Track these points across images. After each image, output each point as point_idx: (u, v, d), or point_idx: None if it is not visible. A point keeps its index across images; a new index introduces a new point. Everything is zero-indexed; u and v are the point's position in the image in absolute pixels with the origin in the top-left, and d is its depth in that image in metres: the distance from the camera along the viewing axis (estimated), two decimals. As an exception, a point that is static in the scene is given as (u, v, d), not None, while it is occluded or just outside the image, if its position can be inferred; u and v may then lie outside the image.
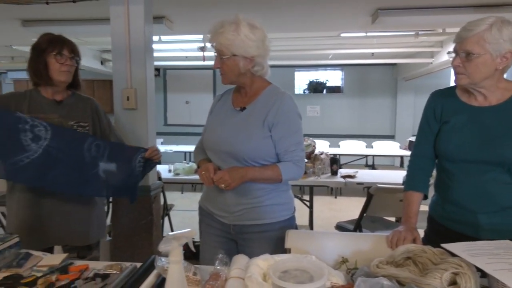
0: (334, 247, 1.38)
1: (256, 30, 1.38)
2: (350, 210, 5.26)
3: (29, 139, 1.50)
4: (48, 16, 3.53)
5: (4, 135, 1.49)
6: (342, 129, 8.09)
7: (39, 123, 1.53)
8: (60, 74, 1.63)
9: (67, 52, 1.64)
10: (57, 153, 1.57)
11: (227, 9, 3.29)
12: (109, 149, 1.72)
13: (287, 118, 1.43)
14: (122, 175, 1.75)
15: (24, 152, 1.50)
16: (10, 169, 1.51)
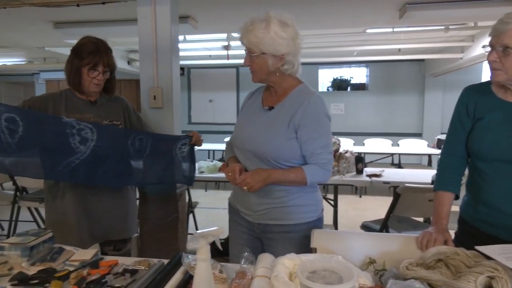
0: (361, 247, 1.35)
1: (287, 28, 1.35)
2: (375, 209, 5.16)
3: (78, 142, 1.58)
4: (78, 18, 3.64)
5: (56, 141, 1.57)
6: (367, 127, 7.93)
7: (84, 126, 1.60)
8: (90, 86, 1.68)
9: (101, 67, 1.67)
10: (104, 151, 1.65)
11: (251, 8, 3.29)
12: (151, 141, 1.80)
13: (314, 119, 1.40)
14: (164, 165, 1.86)
15: (74, 154, 1.59)
16: (63, 171, 1.59)
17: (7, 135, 1.47)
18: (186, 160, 1.94)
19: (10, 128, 1.46)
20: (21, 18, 3.64)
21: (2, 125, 1.45)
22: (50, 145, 1.57)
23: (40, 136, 1.55)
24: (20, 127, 1.49)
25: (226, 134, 7.69)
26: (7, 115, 1.46)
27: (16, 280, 1.14)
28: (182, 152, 1.90)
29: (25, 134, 1.50)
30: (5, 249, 1.29)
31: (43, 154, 1.56)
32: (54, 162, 1.58)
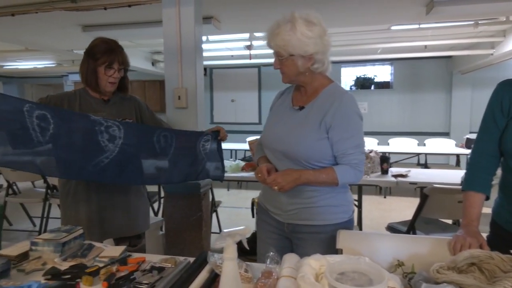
0: (388, 249, 1.32)
1: (313, 27, 1.33)
2: (400, 210, 5.05)
3: (106, 139, 1.58)
4: (105, 21, 3.74)
5: (85, 139, 1.57)
6: (391, 126, 7.77)
7: (112, 123, 1.60)
8: (107, 85, 1.72)
9: (117, 64, 1.71)
10: (132, 149, 1.66)
11: (274, 7, 3.29)
12: (175, 138, 1.80)
13: (345, 119, 1.38)
14: (189, 162, 1.86)
15: (103, 152, 1.59)
16: (93, 171, 1.59)
17: (38, 133, 1.46)
18: (210, 157, 1.93)
19: (41, 125, 1.45)
20: (51, 23, 3.78)
21: (34, 122, 1.44)
22: (80, 144, 1.56)
23: (69, 134, 1.54)
24: (51, 124, 1.48)
25: (248, 133, 7.72)
26: (39, 112, 1.46)
27: (49, 275, 1.18)
28: (205, 149, 1.90)
29: (55, 132, 1.49)
30: (39, 245, 1.33)
31: (73, 153, 1.56)
32: (83, 161, 1.57)
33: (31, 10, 2.95)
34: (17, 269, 1.23)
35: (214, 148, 1.96)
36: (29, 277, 1.19)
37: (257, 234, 1.64)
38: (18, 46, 5.52)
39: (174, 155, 1.80)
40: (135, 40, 5.18)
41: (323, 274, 1.03)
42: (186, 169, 1.88)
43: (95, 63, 1.68)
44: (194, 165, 1.89)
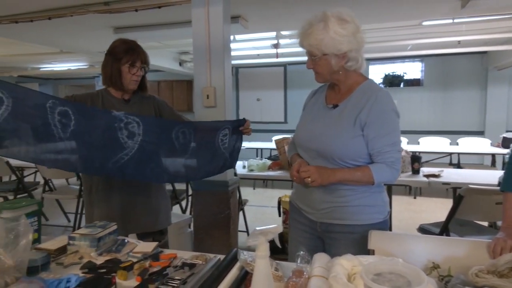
0: (422, 251, 1.28)
1: (346, 24, 1.31)
2: (431, 211, 4.91)
3: (125, 136, 1.59)
4: (136, 22, 3.84)
5: (105, 136, 1.58)
6: (421, 125, 7.54)
7: (132, 119, 1.61)
8: (130, 83, 1.76)
9: (139, 63, 1.74)
10: (151, 146, 1.66)
11: (302, 5, 3.26)
12: (193, 134, 1.80)
13: (381, 116, 1.35)
14: (209, 157, 1.85)
15: (123, 149, 1.59)
16: (114, 168, 1.60)
17: (59, 130, 1.46)
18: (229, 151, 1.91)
19: (62, 122, 1.46)
20: (85, 25, 3.92)
21: (55, 119, 1.45)
22: (100, 140, 1.57)
23: (89, 131, 1.55)
24: (72, 121, 1.49)
25: (273, 132, 7.71)
26: (61, 109, 1.46)
27: (86, 269, 1.22)
28: (224, 143, 1.88)
29: (76, 128, 1.49)
30: (76, 239, 1.38)
31: (93, 150, 1.57)
32: (104, 158, 1.58)
33: (66, 13, 3.07)
34: (56, 263, 1.29)
35: (234, 144, 1.93)
36: (67, 270, 1.24)
37: (289, 233, 1.63)
38: (53, 49, 5.76)
39: (193, 151, 1.79)
40: (164, 40, 5.28)
41: (355, 274, 1.01)
42: (205, 165, 1.87)
43: (118, 63, 1.72)
44: (214, 161, 1.88)
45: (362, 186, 1.40)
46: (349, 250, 1.19)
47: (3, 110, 1.35)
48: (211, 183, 2.44)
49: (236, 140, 1.94)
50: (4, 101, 1.35)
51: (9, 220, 1.21)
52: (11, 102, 1.36)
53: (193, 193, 2.56)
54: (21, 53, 6.41)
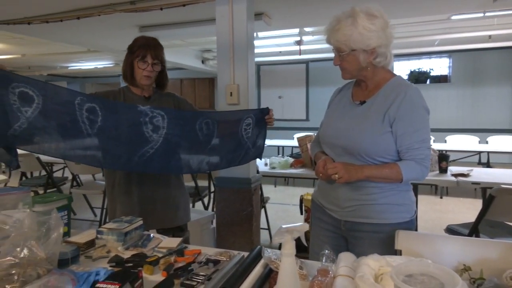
0: (452, 252, 1.24)
1: (375, 20, 1.29)
2: (459, 212, 4.76)
3: (150, 130, 1.60)
4: (160, 21, 3.89)
5: (131, 131, 1.60)
6: (449, 123, 7.32)
7: (157, 113, 1.62)
8: (141, 78, 1.75)
9: (150, 58, 1.72)
10: (175, 139, 1.67)
11: (326, 1, 3.21)
12: (217, 124, 1.79)
13: (410, 112, 1.32)
14: (232, 147, 1.85)
15: (148, 143, 1.61)
16: (140, 161, 1.62)
17: (87, 126, 1.49)
18: (252, 141, 1.90)
19: (90, 118, 1.49)
20: (111, 24, 4.01)
21: (83, 115, 1.48)
22: (126, 135, 1.59)
23: (116, 126, 1.57)
24: (99, 117, 1.51)
25: (295, 130, 7.67)
26: (89, 105, 1.49)
27: (114, 262, 1.25)
28: (247, 133, 1.87)
29: (103, 124, 1.52)
30: (104, 234, 1.42)
31: (120, 145, 1.58)
32: (130, 152, 1.60)
33: (94, 13, 3.15)
34: (85, 256, 1.32)
35: (257, 133, 1.91)
36: (95, 263, 1.27)
37: (310, 232, 1.62)
38: (81, 48, 5.92)
39: (217, 142, 1.79)
40: (187, 38, 5.33)
41: (382, 275, 0.99)
42: (229, 155, 1.86)
43: (131, 56, 1.74)
44: (237, 151, 1.87)
45: (389, 183, 1.36)
46: (374, 250, 1.17)
47: (34, 108, 1.39)
48: (234, 180, 2.45)
49: (259, 130, 1.92)
50: (35, 99, 1.39)
51: (41, 214, 1.25)
52: (41, 100, 1.40)
53: (216, 190, 2.58)
54: (51, 53, 6.64)
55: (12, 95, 1.35)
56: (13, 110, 1.36)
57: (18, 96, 1.36)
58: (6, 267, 1.05)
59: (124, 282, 0.98)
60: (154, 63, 1.74)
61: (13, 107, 1.36)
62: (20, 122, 1.37)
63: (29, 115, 1.38)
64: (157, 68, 1.77)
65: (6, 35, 4.84)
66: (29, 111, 1.38)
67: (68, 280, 1.00)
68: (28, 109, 1.38)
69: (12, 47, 6.12)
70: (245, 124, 1.86)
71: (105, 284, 0.97)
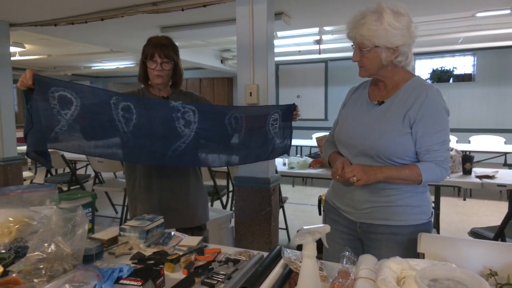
0: (477, 256, 1.21)
1: (401, 17, 1.27)
2: (482, 215, 4.63)
3: (182, 125, 1.62)
4: (181, 21, 3.93)
5: (164, 126, 1.62)
6: (473, 123, 7.12)
7: (188, 108, 1.63)
8: (153, 77, 1.76)
9: (158, 57, 1.72)
10: (206, 133, 1.69)
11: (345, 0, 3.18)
12: (245, 119, 1.79)
13: (431, 114, 1.30)
14: (260, 142, 1.85)
15: (180, 138, 1.63)
16: (173, 156, 1.64)
17: (123, 124, 1.53)
18: (279, 135, 1.90)
19: (125, 116, 1.52)
20: (134, 25, 4.08)
21: (119, 114, 1.51)
22: (159, 131, 1.61)
23: (150, 122, 1.59)
24: (134, 114, 1.54)
25: (313, 130, 7.62)
26: (124, 104, 1.52)
27: (136, 259, 1.28)
28: (274, 128, 1.87)
29: (138, 121, 1.55)
30: (126, 231, 1.45)
31: (154, 140, 1.60)
32: (164, 148, 1.62)
33: (118, 14, 3.22)
34: (108, 252, 1.35)
35: (283, 128, 1.92)
36: (118, 260, 1.30)
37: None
38: (104, 48, 6.06)
39: (245, 136, 1.80)
40: (207, 38, 5.37)
41: (405, 278, 0.98)
42: (257, 149, 1.87)
43: (142, 56, 1.76)
44: (265, 145, 1.88)
45: (407, 185, 1.35)
46: (392, 252, 1.15)
47: (73, 110, 1.43)
48: (253, 180, 2.45)
49: (286, 126, 1.93)
50: (73, 101, 1.43)
51: (67, 211, 1.29)
52: (79, 102, 1.44)
53: (235, 189, 2.59)
54: (75, 53, 6.82)
55: (52, 99, 1.40)
56: (53, 114, 1.40)
57: (58, 100, 1.41)
58: (34, 261, 1.09)
59: (146, 279, 1.00)
60: (164, 61, 1.74)
61: (54, 111, 1.40)
62: (61, 124, 1.42)
63: (69, 117, 1.43)
64: (167, 67, 1.75)
65: (34, 36, 5.00)
66: (68, 114, 1.43)
67: (93, 275, 1.03)
68: (67, 111, 1.42)
69: (39, 48, 6.32)
70: (272, 120, 1.86)
71: (128, 280, 0.99)
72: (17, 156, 4.11)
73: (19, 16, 3.77)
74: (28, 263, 1.09)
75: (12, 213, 1.41)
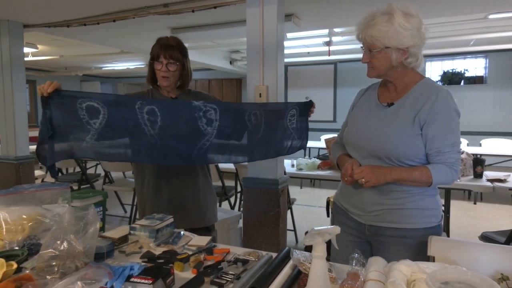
0: (488, 260, 1.20)
1: (411, 18, 1.27)
2: (493, 219, 4.57)
3: (205, 124, 1.62)
4: (191, 23, 3.96)
5: (188, 126, 1.62)
6: (484, 126, 7.03)
7: (210, 107, 1.63)
8: (160, 79, 1.76)
9: (163, 58, 1.72)
10: (228, 130, 1.69)
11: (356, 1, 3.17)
12: (264, 115, 1.80)
13: (442, 116, 1.29)
14: (278, 137, 1.86)
15: (204, 136, 1.64)
16: (199, 154, 1.65)
17: (149, 127, 1.54)
18: (297, 131, 1.93)
19: (151, 119, 1.54)
20: (144, 26, 4.12)
21: (144, 118, 1.53)
22: (184, 131, 1.62)
23: (174, 124, 1.60)
24: (159, 117, 1.55)
25: (322, 131, 7.59)
26: (148, 107, 1.54)
27: (146, 258, 1.29)
28: (292, 123, 1.88)
29: (163, 123, 1.56)
30: (137, 230, 1.46)
31: (180, 140, 1.62)
32: (190, 147, 1.63)
33: (129, 16, 3.26)
34: (119, 251, 1.37)
35: (300, 123, 1.93)
36: (129, 258, 1.31)
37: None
38: (115, 49, 6.12)
39: (264, 131, 1.80)
40: (217, 40, 5.39)
41: (415, 281, 0.97)
42: (276, 145, 1.88)
43: (150, 57, 1.76)
44: (284, 140, 1.90)
45: (417, 188, 1.34)
46: (401, 255, 1.14)
47: (101, 119, 1.47)
48: (261, 181, 2.45)
49: (302, 121, 1.94)
50: (100, 110, 1.47)
51: (79, 209, 1.31)
52: (106, 110, 1.48)
53: (244, 190, 2.59)
54: (87, 54, 6.90)
55: (81, 110, 1.44)
56: (83, 124, 1.45)
57: (86, 110, 1.45)
58: (47, 258, 1.11)
59: (157, 277, 1.01)
60: (170, 62, 1.73)
61: (83, 121, 1.45)
62: (91, 134, 1.46)
63: (98, 126, 1.47)
64: (172, 68, 1.75)
65: (47, 37, 5.08)
66: (97, 123, 1.47)
67: (105, 273, 1.04)
68: (96, 120, 1.47)
69: (52, 49, 6.42)
70: (290, 115, 1.87)
71: (139, 278, 1.00)
72: (30, 155, 4.17)
73: (32, 17, 3.83)
74: (41, 260, 1.11)
75: (26, 211, 1.43)
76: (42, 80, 9.72)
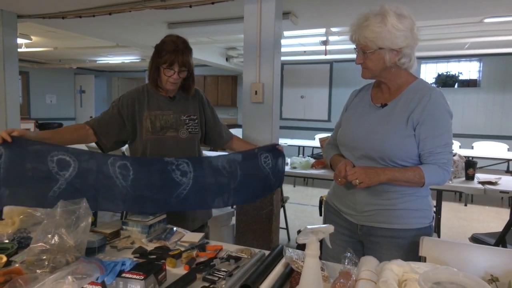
0: (479, 261, 1.21)
1: (404, 19, 1.28)
2: (483, 221, 4.62)
3: (179, 175, 1.66)
4: (189, 18, 3.94)
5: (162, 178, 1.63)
6: (476, 128, 7.10)
7: (182, 161, 1.68)
8: (167, 84, 1.73)
9: (177, 66, 1.69)
10: (204, 179, 1.72)
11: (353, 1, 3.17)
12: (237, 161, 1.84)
13: (435, 116, 1.30)
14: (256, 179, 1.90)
15: (180, 186, 1.66)
16: (177, 201, 1.66)
17: (121, 180, 1.57)
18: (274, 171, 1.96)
19: (123, 173, 1.57)
20: (141, 20, 4.09)
21: (116, 171, 1.56)
22: (157, 182, 1.63)
23: (147, 176, 1.62)
24: (131, 170, 1.58)
25: (316, 130, 7.62)
26: (120, 162, 1.58)
27: (138, 253, 1.28)
28: (268, 164, 1.92)
29: (135, 176, 1.59)
30: (129, 225, 1.46)
31: (155, 191, 1.62)
32: (166, 195, 1.65)
33: (125, 9, 3.22)
34: (111, 246, 1.36)
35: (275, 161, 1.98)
36: (120, 253, 1.31)
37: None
38: (110, 42, 6.06)
39: (242, 177, 1.83)
40: (214, 36, 5.37)
41: (406, 281, 0.98)
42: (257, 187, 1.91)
43: (159, 60, 1.70)
44: (262, 183, 1.92)
45: (409, 188, 1.35)
46: (392, 255, 1.15)
47: (70, 171, 1.48)
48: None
49: (278, 159, 1.99)
50: (71, 163, 1.49)
51: (71, 203, 1.30)
52: (77, 164, 1.50)
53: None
54: (81, 46, 6.83)
55: (51, 163, 1.46)
56: (52, 174, 1.46)
57: (56, 163, 1.46)
58: (37, 252, 1.10)
59: (148, 273, 1.00)
60: (182, 70, 1.71)
61: (52, 172, 1.46)
62: (59, 183, 1.46)
63: (67, 176, 1.48)
64: (183, 75, 1.74)
65: (41, 28, 5.01)
66: (66, 174, 1.48)
67: (96, 268, 1.03)
68: (65, 172, 1.48)
69: (46, 40, 6.33)
70: (264, 157, 1.92)
71: (130, 274, 1.00)
72: (21, 147, 4.12)
73: (27, 7, 3.78)
74: (31, 254, 1.10)
75: (16, 204, 1.42)
76: (35, 72, 9.63)
